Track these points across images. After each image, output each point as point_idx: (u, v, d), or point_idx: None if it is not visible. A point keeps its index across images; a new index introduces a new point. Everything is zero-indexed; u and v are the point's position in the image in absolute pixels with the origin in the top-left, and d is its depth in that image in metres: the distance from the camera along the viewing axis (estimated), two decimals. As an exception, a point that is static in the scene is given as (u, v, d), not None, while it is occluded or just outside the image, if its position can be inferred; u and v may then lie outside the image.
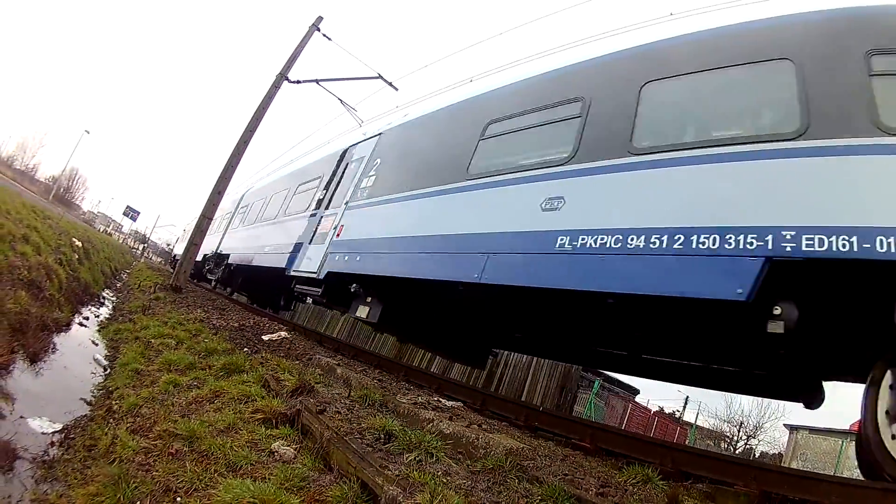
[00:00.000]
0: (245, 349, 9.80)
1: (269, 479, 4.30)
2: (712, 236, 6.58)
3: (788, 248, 5.96)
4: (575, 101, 9.46)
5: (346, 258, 12.92)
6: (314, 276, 13.95)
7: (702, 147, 7.43)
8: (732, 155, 7.05)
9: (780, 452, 46.37)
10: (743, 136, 7.19)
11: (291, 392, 6.50)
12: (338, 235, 13.93)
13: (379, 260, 11.80)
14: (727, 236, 6.46)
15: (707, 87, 8.03)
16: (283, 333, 12.92)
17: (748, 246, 6.28)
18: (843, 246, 5.59)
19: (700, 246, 6.64)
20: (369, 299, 12.20)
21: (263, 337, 12.15)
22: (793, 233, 6.00)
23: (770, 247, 6.08)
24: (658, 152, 7.81)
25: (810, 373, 8.10)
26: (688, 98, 8.26)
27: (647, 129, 8.22)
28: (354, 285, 12.63)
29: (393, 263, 11.33)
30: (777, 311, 6.24)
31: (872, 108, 6.21)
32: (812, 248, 5.76)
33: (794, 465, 35.20)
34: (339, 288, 13.19)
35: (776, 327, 6.21)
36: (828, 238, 5.72)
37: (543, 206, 8.70)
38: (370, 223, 13.23)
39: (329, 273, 13.34)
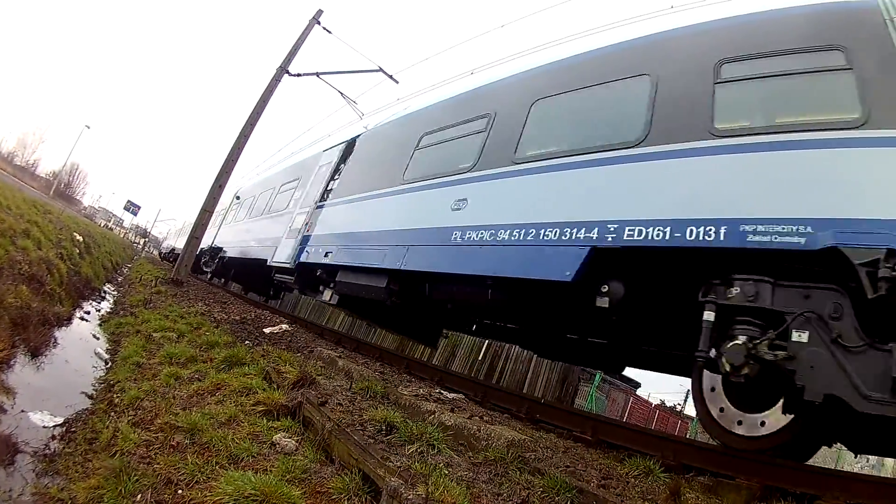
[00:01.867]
0: (246, 342, 9.82)
1: (270, 471, 4.29)
2: (554, 230, 8.23)
3: (610, 238, 7.47)
4: (483, 118, 11.25)
5: (313, 251, 15.05)
6: (288, 266, 16.06)
7: (564, 156, 9.01)
8: (585, 162, 8.60)
9: (780, 444, 46.42)
10: (598, 146, 8.57)
11: (293, 384, 6.48)
12: (308, 231, 16.12)
13: (335, 252, 13.77)
14: (565, 230, 8.09)
15: (579, 103, 9.55)
16: (284, 326, 12.99)
17: (578, 237, 7.87)
18: (658, 235, 7.00)
19: (545, 238, 8.33)
20: (332, 285, 13.75)
21: (265, 330, 12.20)
22: (615, 225, 7.52)
23: (595, 237, 7.65)
24: (531, 161, 9.53)
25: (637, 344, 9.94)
26: (563, 113, 9.81)
27: (528, 141, 9.92)
28: (319, 271, 14.49)
29: (343, 255, 13.35)
30: (605, 288, 7.75)
31: (710, 114, 7.45)
32: (632, 238, 7.23)
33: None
34: (308, 276, 15.34)
35: (603, 302, 7.75)
36: (645, 229, 7.16)
37: (452, 206, 10.49)
38: (331, 220, 15.45)
39: (299, 263, 15.42)
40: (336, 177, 16.89)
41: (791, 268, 6.26)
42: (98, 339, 12.40)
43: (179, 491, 4.26)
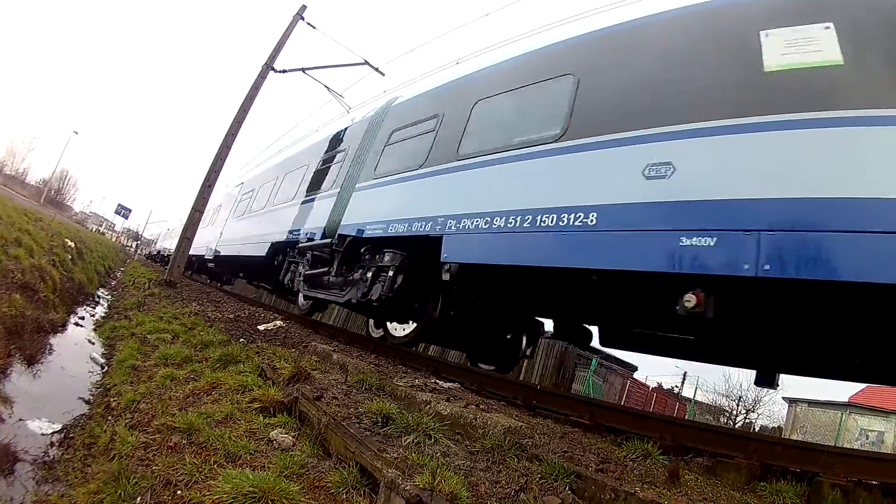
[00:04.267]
0: (241, 340, 9.80)
1: (268, 467, 4.31)
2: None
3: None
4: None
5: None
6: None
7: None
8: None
9: (779, 426, 46.65)
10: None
11: (288, 380, 6.51)
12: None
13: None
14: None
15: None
16: (278, 322, 13.01)
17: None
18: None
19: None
20: None
21: (259, 327, 12.21)
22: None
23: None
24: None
25: None
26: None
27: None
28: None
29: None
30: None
31: None
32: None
33: (794, 437, 35.33)
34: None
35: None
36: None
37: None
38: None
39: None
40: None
41: None
42: (93, 343, 12.40)
43: (178, 491, 4.27)
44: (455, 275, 9.64)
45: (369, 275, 12.08)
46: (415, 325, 12.87)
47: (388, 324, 14.40)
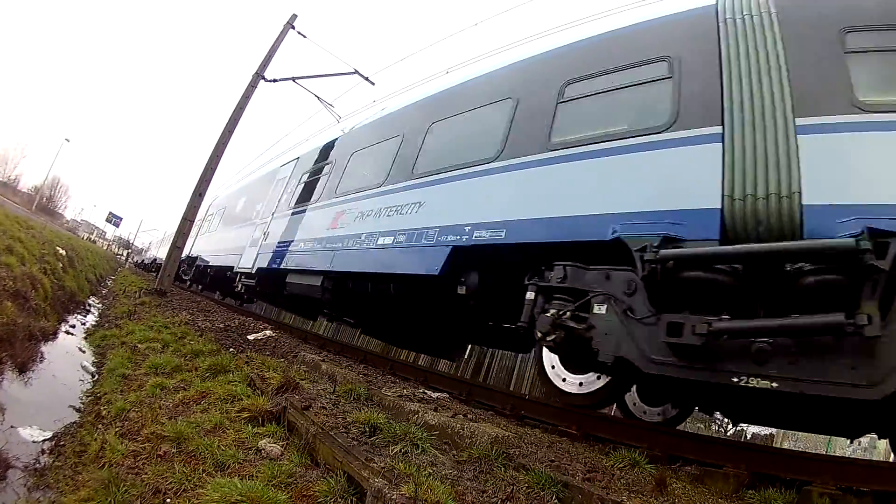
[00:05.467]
0: (230, 349, 9.84)
1: (256, 476, 4.33)
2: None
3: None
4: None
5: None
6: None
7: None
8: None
9: (771, 433, 46.44)
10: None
11: (276, 389, 6.55)
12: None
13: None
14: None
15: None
16: (268, 332, 13.02)
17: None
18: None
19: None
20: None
21: (249, 336, 12.22)
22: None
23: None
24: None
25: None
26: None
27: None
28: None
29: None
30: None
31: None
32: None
33: (785, 445, 35.17)
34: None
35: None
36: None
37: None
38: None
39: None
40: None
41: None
42: (84, 352, 12.40)
43: (168, 500, 4.31)
44: None
45: None
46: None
47: None
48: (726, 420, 51.40)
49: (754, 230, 6.16)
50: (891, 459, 26.86)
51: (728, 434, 48.50)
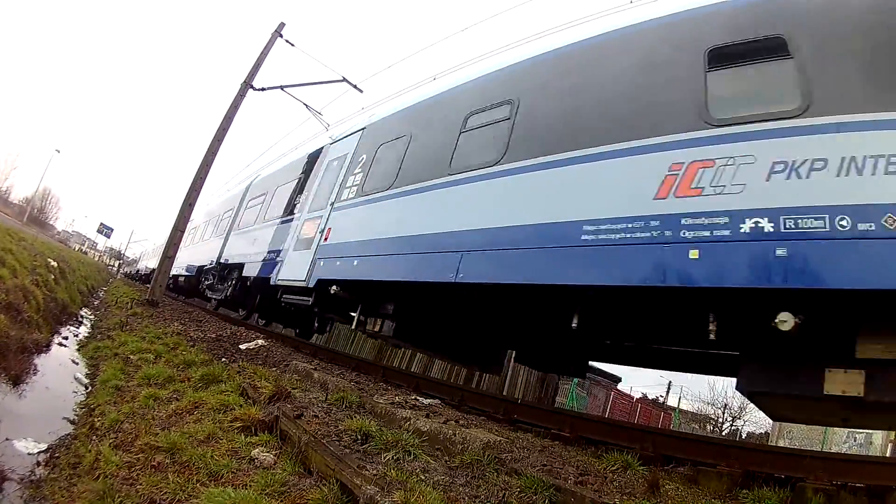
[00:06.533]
0: (223, 359, 9.88)
1: (250, 486, 4.36)
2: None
3: None
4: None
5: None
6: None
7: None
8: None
9: (766, 431, 46.57)
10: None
11: (269, 399, 6.58)
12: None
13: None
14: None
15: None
16: (260, 342, 13.01)
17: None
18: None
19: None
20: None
21: (241, 346, 12.23)
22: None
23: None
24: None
25: None
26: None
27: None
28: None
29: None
30: None
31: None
32: None
33: (780, 443, 35.22)
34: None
35: None
36: None
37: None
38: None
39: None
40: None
41: None
42: (77, 364, 12.41)
43: (162, 510, 4.36)
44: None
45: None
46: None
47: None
48: (720, 420, 51.58)
49: None
50: (888, 454, 27.00)
51: (723, 433, 48.69)
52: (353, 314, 12.69)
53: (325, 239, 13.38)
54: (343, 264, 12.04)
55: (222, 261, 22.19)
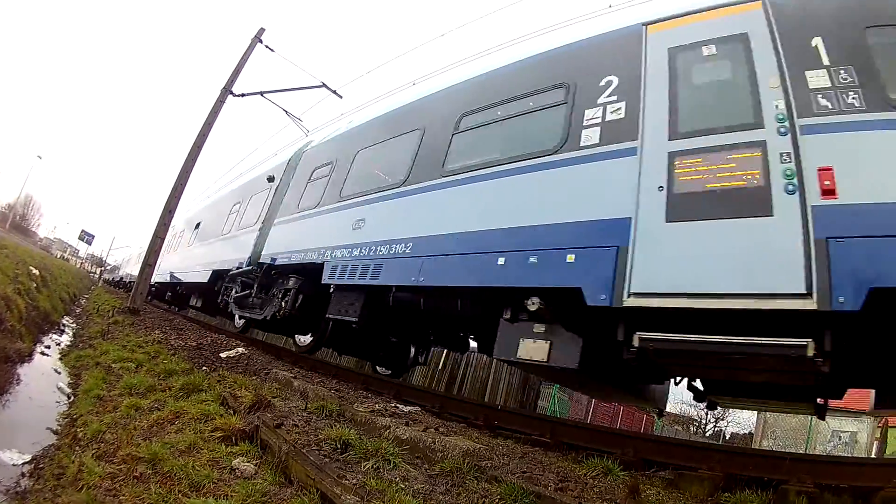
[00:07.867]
0: (203, 368, 9.87)
1: (231, 496, 4.37)
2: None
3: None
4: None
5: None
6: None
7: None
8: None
9: (750, 432, 46.68)
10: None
11: (249, 408, 6.60)
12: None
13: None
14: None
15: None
16: (240, 350, 12.96)
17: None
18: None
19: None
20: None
21: (221, 354, 12.18)
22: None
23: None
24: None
25: None
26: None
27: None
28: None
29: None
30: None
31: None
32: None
33: (764, 444, 35.27)
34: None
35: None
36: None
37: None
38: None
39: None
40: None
41: None
42: (59, 373, 12.40)
43: (145, 521, 4.40)
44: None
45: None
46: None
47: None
48: (703, 422, 51.48)
49: None
50: (872, 455, 27.12)
51: (706, 435, 48.70)
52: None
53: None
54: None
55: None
